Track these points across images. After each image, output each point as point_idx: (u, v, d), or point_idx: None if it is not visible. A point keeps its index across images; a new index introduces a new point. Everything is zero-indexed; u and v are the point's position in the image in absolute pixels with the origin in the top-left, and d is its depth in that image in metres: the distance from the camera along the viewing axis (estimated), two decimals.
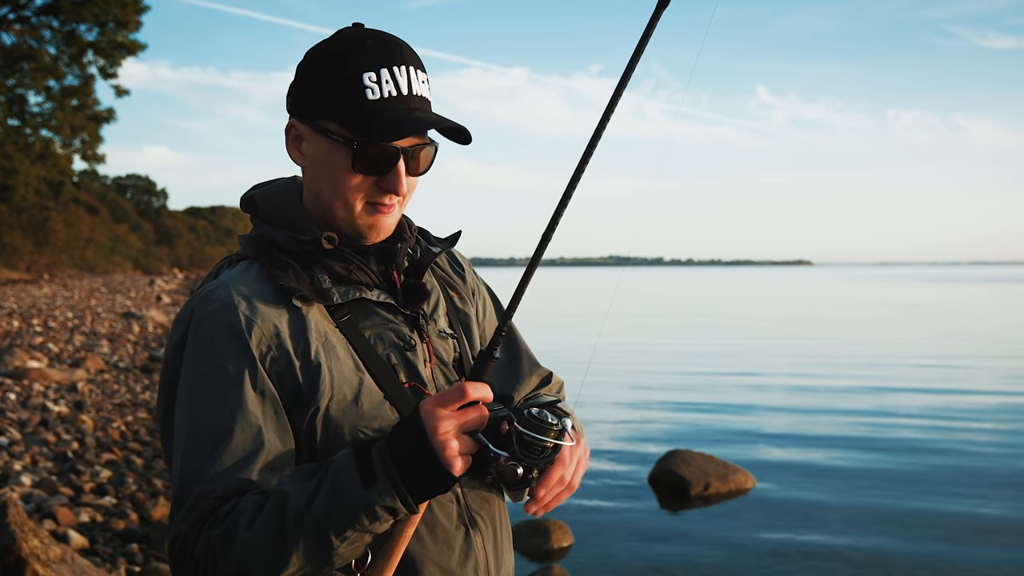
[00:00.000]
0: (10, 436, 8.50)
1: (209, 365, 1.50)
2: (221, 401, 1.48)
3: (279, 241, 1.61)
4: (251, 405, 1.48)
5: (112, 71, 41.60)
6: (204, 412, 1.48)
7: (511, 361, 1.87)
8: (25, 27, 40.06)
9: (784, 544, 7.04)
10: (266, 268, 1.60)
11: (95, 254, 66.93)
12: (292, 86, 1.63)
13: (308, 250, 1.59)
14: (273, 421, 1.50)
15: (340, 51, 1.56)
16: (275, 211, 1.66)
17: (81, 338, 18.17)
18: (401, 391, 1.59)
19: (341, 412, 1.52)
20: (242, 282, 1.57)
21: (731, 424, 11.95)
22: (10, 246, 51.36)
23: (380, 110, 1.54)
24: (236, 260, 1.67)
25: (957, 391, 14.78)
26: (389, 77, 1.55)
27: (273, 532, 1.38)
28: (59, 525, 5.89)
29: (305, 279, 1.58)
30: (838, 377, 16.61)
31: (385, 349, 1.61)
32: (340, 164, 1.56)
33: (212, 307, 1.53)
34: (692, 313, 39.97)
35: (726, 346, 23.23)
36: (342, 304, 1.60)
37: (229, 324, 1.51)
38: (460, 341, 1.75)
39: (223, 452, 1.45)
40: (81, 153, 44.74)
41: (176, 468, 1.49)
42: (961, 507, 8.00)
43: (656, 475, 8.68)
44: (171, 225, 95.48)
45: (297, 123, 1.61)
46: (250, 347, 1.50)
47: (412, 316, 1.67)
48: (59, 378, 12.14)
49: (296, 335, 1.54)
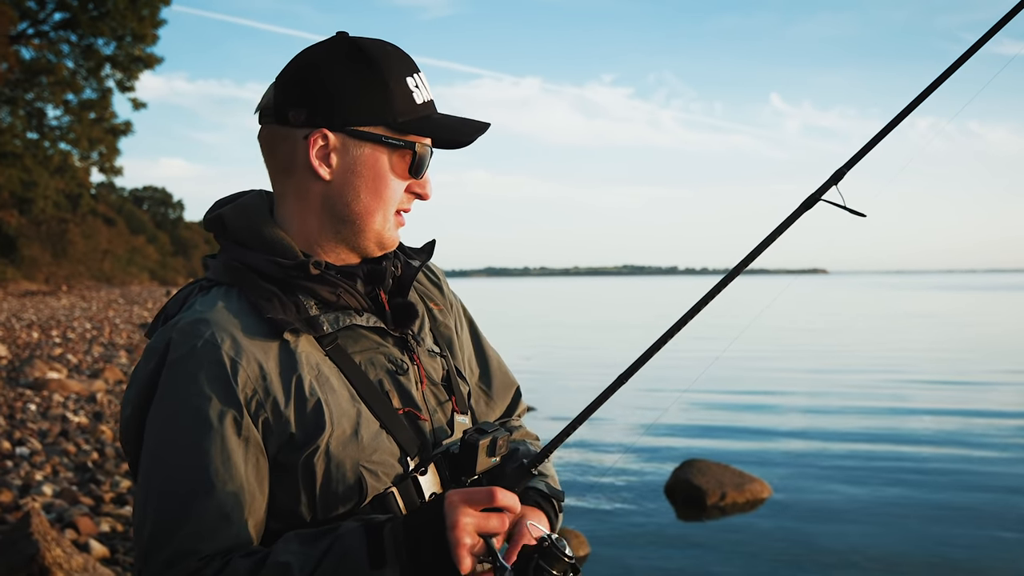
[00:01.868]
0: (31, 446, 8.58)
1: (188, 408, 1.39)
2: (203, 448, 1.38)
3: (258, 266, 1.50)
4: (235, 455, 1.39)
5: (129, 84, 42.00)
6: (183, 458, 1.38)
7: (485, 379, 1.83)
8: (44, 41, 40.49)
9: (801, 554, 7.03)
10: (247, 297, 1.48)
11: (112, 265, 67.36)
12: (307, 95, 1.50)
13: (292, 276, 1.49)
14: (255, 471, 1.41)
15: (372, 60, 1.49)
16: (248, 232, 1.53)
17: (99, 349, 18.30)
18: (396, 418, 1.52)
19: (341, 447, 1.44)
20: (223, 315, 1.45)
21: (748, 434, 11.93)
22: (29, 258, 51.78)
23: (430, 114, 1.54)
24: (207, 286, 1.54)
25: (974, 401, 14.70)
26: (422, 83, 1.54)
27: None
28: (80, 534, 5.95)
29: (291, 308, 1.48)
30: (855, 387, 16.55)
31: (377, 374, 1.54)
32: (391, 170, 1.51)
33: (193, 344, 1.41)
34: (707, 322, 39.78)
35: (742, 356, 23.17)
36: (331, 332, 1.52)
37: (212, 365, 1.40)
38: (446, 359, 1.69)
39: (205, 505, 1.37)
40: (99, 165, 45.12)
41: (147, 515, 1.39)
42: (981, 517, 7.95)
43: (672, 485, 8.68)
44: (187, 236, 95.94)
45: (329, 132, 1.48)
46: (235, 391, 1.40)
47: (402, 338, 1.60)
48: (78, 389, 12.24)
49: (286, 372, 1.44)
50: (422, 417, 1.56)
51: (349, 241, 1.55)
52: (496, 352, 1.88)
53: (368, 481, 1.46)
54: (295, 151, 1.51)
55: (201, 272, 1.62)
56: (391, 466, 1.49)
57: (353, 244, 1.55)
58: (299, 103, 1.50)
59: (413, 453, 1.52)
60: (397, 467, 1.50)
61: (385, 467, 1.48)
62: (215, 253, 1.59)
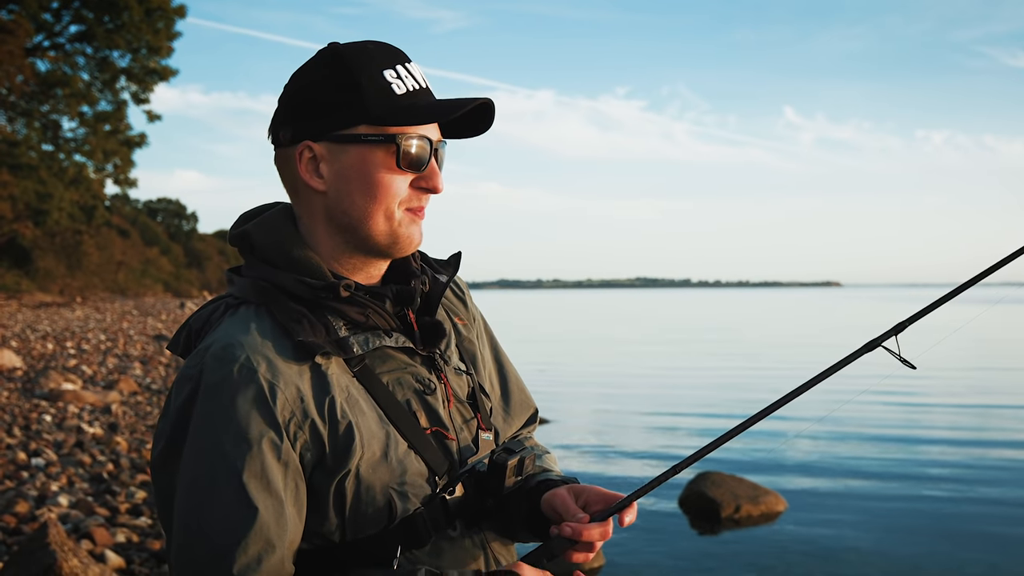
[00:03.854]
0: (47, 457, 8.62)
1: (227, 434, 1.36)
2: (243, 474, 1.36)
3: (287, 287, 1.48)
4: (275, 480, 1.37)
5: (144, 96, 42.25)
6: (223, 485, 1.36)
7: (505, 397, 1.82)
8: (59, 54, 40.77)
9: (815, 568, 6.99)
10: (276, 319, 1.46)
11: (127, 277, 67.62)
12: (286, 111, 1.52)
13: (321, 297, 1.48)
14: (294, 497, 1.40)
15: (343, 61, 1.47)
16: (277, 250, 1.51)
17: (114, 360, 18.38)
18: (424, 438, 1.52)
19: (371, 470, 1.44)
20: (255, 338, 1.43)
21: (763, 446, 11.88)
22: (43, 269, 52.04)
23: (412, 102, 1.47)
24: (235, 304, 1.52)
25: (992, 415, 14.63)
26: (406, 73, 1.49)
27: None
28: (96, 545, 5.97)
29: (320, 329, 1.46)
30: (871, 398, 16.47)
31: (405, 394, 1.53)
32: (379, 167, 1.47)
33: (229, 368, 1.39)
34: (721, 334, 39.83)
35: (757, 367, 23.12)
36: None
37: (250, 390, 1.38)
38: (472, 376, 1.68)
39: (249, 532, 1.35)
40: (113, 177, 45.33)
41: (184, 542, 1.37)
42: (997, 532, 7.91)
43: (686, 497, 8.66)
44: (201, 248, 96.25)
45: (312, 144, 1.48)
46: (275, 415, 1.38)
47: (429, 356, 1.59)
48: (93, 400, 12.29)
49: (320, 395, 1.43)
50: (449, 436, 1.56)
51: (361, 248, 1.52)
52: (515, 369, 1.86)
53: (397, 503, 1.46)
54: (293, 170, 1.51)
55: (216, 284, 1.61)
56: (420, 487, 1.49)
57: (366, 250, 1.53)
58: (285, 121, 1.51)
59: (441, 472, 1.52)
60: (425, 487, 1.50)
61: (414, 488, 1.48)
62: (239, 267, 1.58)
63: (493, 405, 1.75)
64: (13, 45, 33.79)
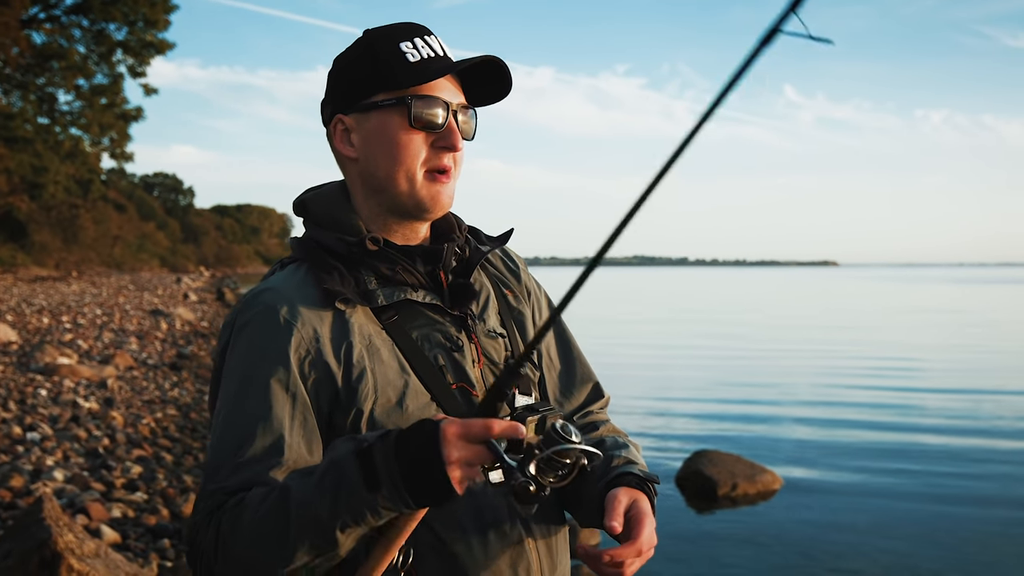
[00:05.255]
0: (42, 432, 8.60)
1: (245, 370, 1.53)
2: (250, 403, 1.51)
3: (327, 243, 1.63)
4: (278, 409, 1.50)
5: (141, 70, 42.07)
6: (234, 414, 1.52)
7: (566, 371, 1.87)
8: (55, 26, 40.52)
9: (811, 545, 7.01)
10: (313, 271, 1.60)
11: (123, 252, 67.56)
12: (327, 93, 1.68)
13: (355, 252, 1.61)
14: (300, 425, 1.51)
15: (369, 40, 1.63)
16: (325, 214, 1.67)
17: (110, 335, 18.34)
18: (448, 392, 1.59)
19: (386, 415, 1.53)
20: (286, 285, 1.59)
21: (759, 425, 11.90)
22: (39, 243, 51.91)
23: (424, 68, 1.58)
24: (287, 263, 1.69)
25: (987, 392, 14.65)
26: (423, 44, 1.61)
27: (277, 525, 1.38)
28: (91, 520, 5.95)
29: (350, 281, 1.59)
30: (866, 379, 16.49)
31: (432, 350, 1.61)
32: (396, 128, 1.58)
33: (255, 311, 1.57)
34: (719, 313, 39.84)
35: (754, 347, 23.13)
36: (388, 305, 1.61)
37: (269, 327, 1.54)
38: (512, 339, 1.75)
39: (244, 452, 1.48)
40: (110, 151, 45.24)
41: (211, 445, 1.55)
42: (991, 511, 7.92)
43: (684, 475, 8.66)
44: (198, 223, 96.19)
45: (343, 117, 1.64)
46: (287, 351, 1.52)
47: (460, 317, 1.66)
48: (89, 375, 12.26)
49: (338, 339, 1.55)
50: (475, 393, 1.62)
51: (394, 211, 1.64)
52: (578, 345, 1.92)
53: None
54: (332, 143, 1.68)
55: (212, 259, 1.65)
56: None
57: (398, 212, 1.64)
58: (325, 102, 1.69)
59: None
60: None
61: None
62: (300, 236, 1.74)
63: (551, 377, 1.83)
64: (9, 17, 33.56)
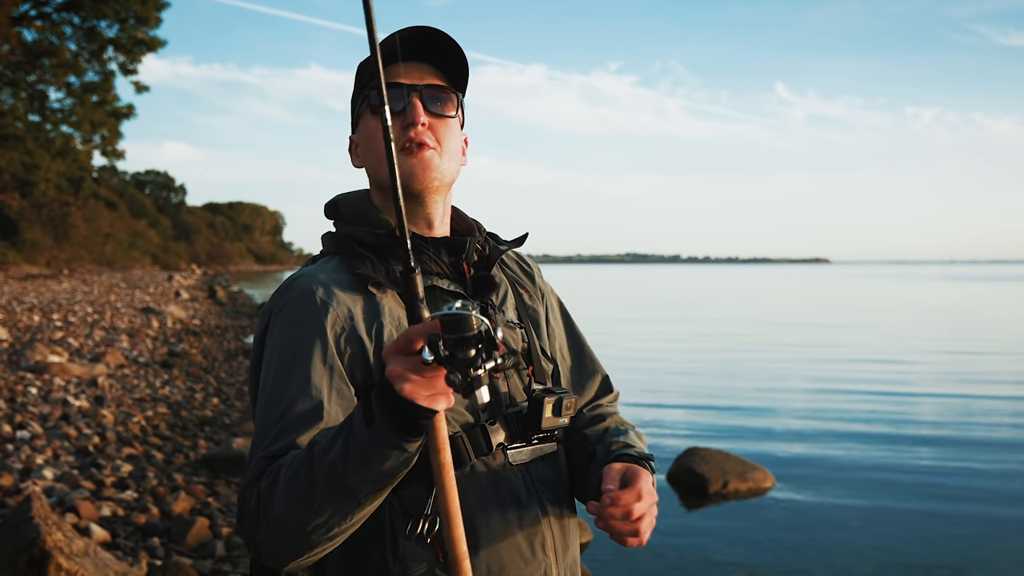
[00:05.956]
0: (32, 430, 8.57)
1: (285, 345, 1.64)
2: (291, 377, 1.61)
3: (358, 236, 1.76)
4: (316, 379, 1.60)
5: (132, 67, 41.93)
6: (277, 385, 1.61)
7: (577, 365, 1.98)
8: (46, 23, 40.37)
9: (803, 542, 7.02)
10: (345, 261, 1.74)
11: (114, 249, 67.41)
12: None
13: (384, 243, 1.74)
14: (338, 395, 1.61)
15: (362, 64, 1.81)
16: (355, 211, 1.82)
17: (101, 333, 18.29)
18: None
19: None
20: (320, 272, 1.72)
21: (750, 422, 11.91)
22: (30, 241, 51.78)
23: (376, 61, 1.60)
24: (318, 257, 1.83)
25: (978, 389, 14.70)
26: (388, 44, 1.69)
27: (304, 480, 1.45)
28: (81, 518, 5.93)
29: (381, 269, 1.72)
30: (858, 376, 16.53)
31: None
32: (369, 123, 1.76)
33: (292, 294, 1.68)
34: (711, 310, 39.88)
35: (746, 344, 23.16)
36: None
37: (306, 306, 1.65)
38: (528, 332, 1.85)
39: (286, 420, 1.57)
40: (101, 149, 45.08)
41: (255, 417, 1.66)
42: (982, 508, 7.95)
43: (675, 472, 8.67)
44: (190, 221, 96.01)
45: (351, 137, 1.84)
46: (324, 327, 1.63)
47: (481, 306, 1.76)
48: (79, 373, 12.22)
49: (370, 319, 1.66)
50: (495, 375, 1.67)
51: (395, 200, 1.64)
52: (587, 342, 2.03)
53: None
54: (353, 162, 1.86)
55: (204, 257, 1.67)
56: (461, 413, 1.66)
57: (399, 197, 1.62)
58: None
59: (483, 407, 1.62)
60: (467, 415, 1.67)
61: (455, 414, 1.65)
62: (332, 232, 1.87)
63: (563, 371, 1.93)
64: None
